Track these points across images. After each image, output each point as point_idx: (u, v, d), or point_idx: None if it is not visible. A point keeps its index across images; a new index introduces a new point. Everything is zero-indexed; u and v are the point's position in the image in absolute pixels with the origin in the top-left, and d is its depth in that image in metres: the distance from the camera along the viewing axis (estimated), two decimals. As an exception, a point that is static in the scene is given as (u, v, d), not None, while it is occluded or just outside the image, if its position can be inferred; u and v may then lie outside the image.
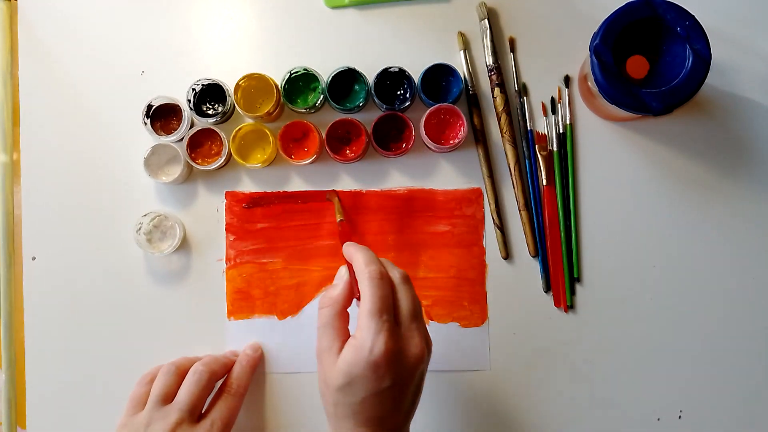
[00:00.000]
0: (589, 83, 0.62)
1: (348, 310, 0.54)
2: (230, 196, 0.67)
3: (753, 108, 0.66)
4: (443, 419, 0.65)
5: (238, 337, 0.66)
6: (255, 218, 0.67)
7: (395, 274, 0.53)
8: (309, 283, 0.66)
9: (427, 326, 0.55)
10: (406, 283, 0.53)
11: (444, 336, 0.65)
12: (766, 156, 0.66)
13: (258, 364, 0.65)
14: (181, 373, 0.59)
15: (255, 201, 0.67)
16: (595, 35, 0.58)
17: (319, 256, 0.66)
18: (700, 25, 0.57)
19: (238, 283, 0.66)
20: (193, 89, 0.64)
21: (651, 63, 0.58)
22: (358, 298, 0.53)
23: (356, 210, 0.67)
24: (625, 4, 0.57)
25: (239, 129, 0.64)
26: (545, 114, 0.67)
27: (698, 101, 0.66)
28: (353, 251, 0.54)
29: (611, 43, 0.57)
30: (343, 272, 0.55)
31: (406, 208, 0.67)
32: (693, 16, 0.57)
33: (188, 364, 0.61)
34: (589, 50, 0.58)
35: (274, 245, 0.66)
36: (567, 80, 0.66)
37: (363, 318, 0.50)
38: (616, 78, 0.57)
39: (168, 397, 0.58)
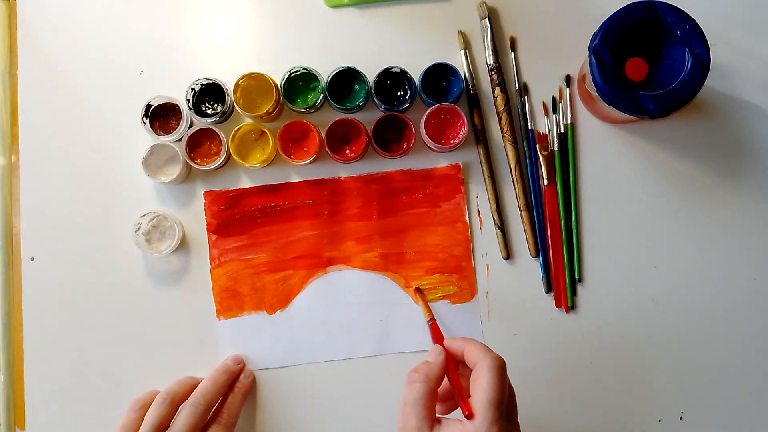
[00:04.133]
0: (587, 84, 0.65)
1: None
2: (208, 195, 0.70)
3: (752, 110, 0.69)
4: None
5: (230, 337, 0.68)
6: (235, 215, 0.69)
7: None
8: (296, 275, 0.69)
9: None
10: (507, 377, 0.53)
11: (435, 315, 0.67)
12: (764, 158, 0.69)
13: (250, 389, 0.67)
14: (175, 404, 0.61)
15: (233, 199, 0.69)
16: (594, 35, 0.61)
17: (303, 246, 0.69)
18: (701, 30, 0.59)
19: (225, 281, 0.69)
20: (193, 89, 0.67)
21: (650, 65, 0.61)
22: (455, 382, 0.54)
23: (337, 196, 0.69)
24: (626, 6, 0.60)
25: (238, 129, 0.67)
26: (546, 113, 0.69)
27: (698, 104, 0.69)
28: (462, 342, 0.55)
29: (611, 44, 0.60)
30: (437, 351, 0.55)
31: (386, 190, 0.69)
32: (693, 20, 0.59)
33: (182, 392, 0.62)
34: (588, 50, 0.61)
35: (257, 240, 0.69)
36: (568, 80, 0.69)
37: (481, 406, 0.50)
38: (615, 79, 0.60)
39: (161, 428, 0.60)
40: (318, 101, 0.67)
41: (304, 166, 0.70)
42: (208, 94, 0.69)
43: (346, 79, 0.68)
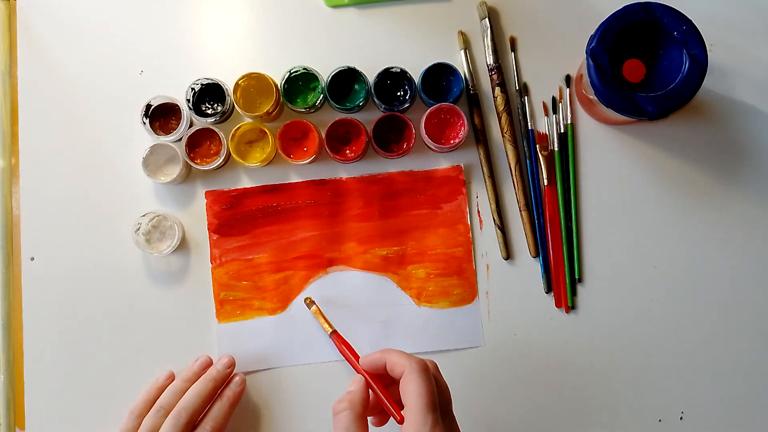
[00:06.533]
0: (583, 87, 0.66)
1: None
2: (210, 195, 0.71)
3: (750, 112, 0.70)
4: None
5: (229, 337, 0.70)
6: (237, 215, 0.71)
7: (430, 367, 0.56)
8: (297, 276, 0.70)
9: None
10: (439, 374, 0.57)
11: (436, 316, 0.70)
12: (763, 159, 0.71)
13: (240, 397, 0.68)
14: (168, 414, 0.64)
15: (235, 199, 0.71)
16: (591, 38, 0.62)
17: (304, 246, 0.70)
18: (697, 30, 0.61)
19: (225, 281, 0.70)
20: (192, 89, 0.69)
21: (648, 67, 0.62)
22: (381, 397, 0.56)
23: (338, 197, 0.71)
24: (623, 8, 0.61)
25: (238, 128, 0.69)
26: (546, 113, 0.71)
27: (697, 105, 0.71)
28: (381, 354, 0.57)
29: (608, 46, 0.61)
30: (357, 380, 0.57)
31: (387, 191, 0.71)
32: (690, 20, 0.61)
33: (176, 402, 0.64)
34: (585, 53, 0.62)
35: (258, 240, 0.71)
36: (568, 80, 0.71)
37: (416, 413, 0.51)
38: (612, 81, 0.61)
39: None
40: (318, 101, 0.69)
41: (304, 166, 0.71)
42: (208, 94, 0.70)
43: (346, 79, 0.70)
